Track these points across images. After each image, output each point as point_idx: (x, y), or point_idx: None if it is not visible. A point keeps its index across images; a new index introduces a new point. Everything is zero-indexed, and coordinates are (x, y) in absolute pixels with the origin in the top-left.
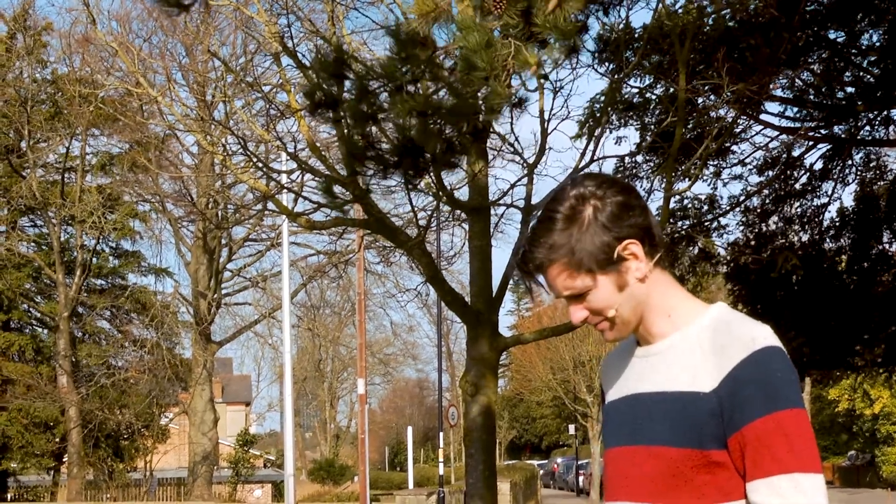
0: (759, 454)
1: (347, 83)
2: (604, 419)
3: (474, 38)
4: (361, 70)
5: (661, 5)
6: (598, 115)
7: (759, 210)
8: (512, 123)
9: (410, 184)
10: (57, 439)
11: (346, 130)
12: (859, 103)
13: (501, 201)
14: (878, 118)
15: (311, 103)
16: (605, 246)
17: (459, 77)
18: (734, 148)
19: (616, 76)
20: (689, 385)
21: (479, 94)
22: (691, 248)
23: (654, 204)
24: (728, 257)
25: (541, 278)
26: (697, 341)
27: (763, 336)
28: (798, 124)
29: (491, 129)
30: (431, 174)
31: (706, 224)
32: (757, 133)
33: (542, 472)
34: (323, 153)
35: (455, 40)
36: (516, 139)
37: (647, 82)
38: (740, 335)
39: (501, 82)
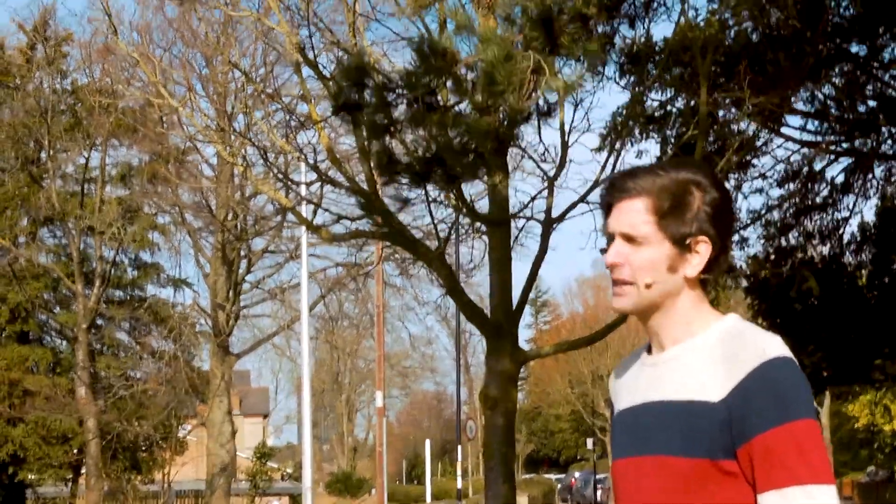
0: (770, 465)
1: (368, 92)
2: (613, 429)
3: (493, 52)
4: (381, 80)
5: (682, 18)
6: (619, 127)
7: (779, 224)
8: (539, 133)
9: (443, 194)
10: (74, 451)
11: (364, 142)
12: (881, 117)
13: (522, 214)
14: None
15: (335, 105)
16: (694, 225)
17: (480, 90)
18: (755, 161)
19: (637, 89)
20: (698, 394)
21: (499, 107)
22: None
23: None
24: (748, 271)
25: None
26: (708, 350)
27: (774, 346)
28: (819, 138)
29: (514, 143)
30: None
31: None
32: (778, 146)
33: (559, 486)
34: (343, 165)
35: (476, 53)
36: (546, 150)
37: (669, 95)
38: (751, 345)
39: (521, 96)
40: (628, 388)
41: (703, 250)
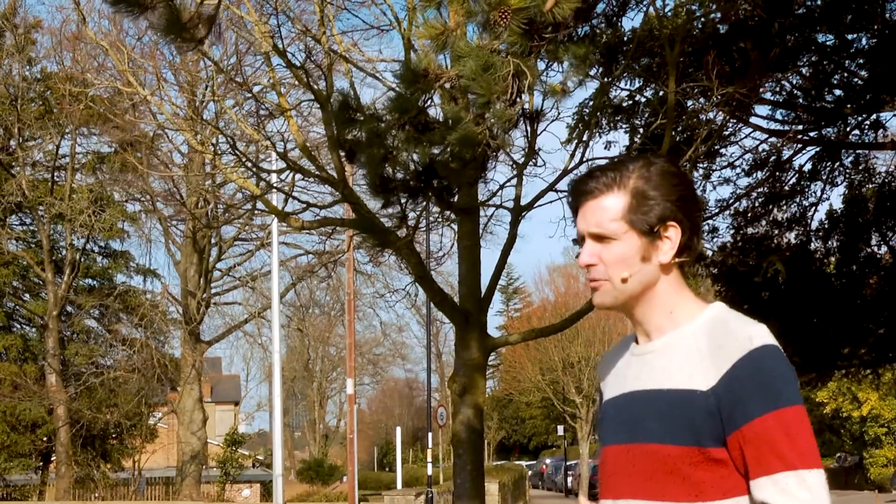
0: (761, 452)
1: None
2: (601, 417)
3: (470, 65)
4: (369, 113)
5: (651, 8)
6: (587, 117)
7: (748, 213)
8: (527, 136)
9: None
10: (43, 439)
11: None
12: (848, 106)
13: (491, 202)
14: (867, 121)
15: (347, 154)
16: (658, 213)
17: (461, 103)
18: (723, 150)
19: (606, 79)
20: (685, 383)
21: (483, 118)
22: None
23: None
24: (716, 260)
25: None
26: (694, 340)
27: (760, 335)
28: (787, 127)
29: (503, 150)
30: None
31: None
32: (746, 136)
33: (530, 472)
34: (313, 153)
35: (452, 65)
36: (538, 151)
37: (637, 85)
38: (737, 334)
39: (505, 103)
40: (617, 377)
41: (673, 235)
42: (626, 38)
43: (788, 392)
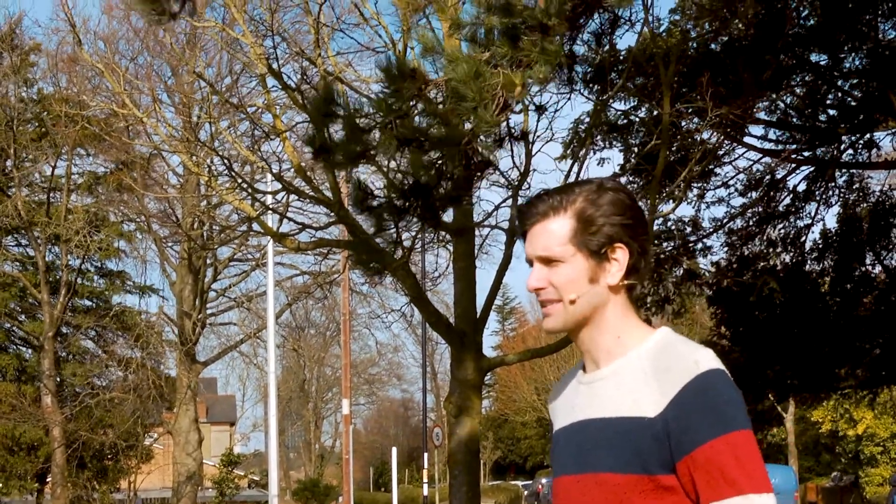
0: (711, 476)
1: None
2: (552, 448)
3: (462, 70)
4: (352, 107)
5: (645, 28)
6: (582, 136)
7: (742, 232)
8: (512, 156)
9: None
10: (41, 461)
11: (334, 171)
12: (842, 126)
13: (486, 223)
14: (861, 141)
15: (314, 149)
16: (604, 235)
17: (448, 107)
18: (717, 170)
19: (601, 98)
20: (633, 410)
21: (469, 123)
22: (676, 270)
23: None
24: (711, 280)
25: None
26: (640, 366)
27: (706, 359)
28: (781, 147)
29: (489, 163)
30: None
31: (691, 246)
32: (740, 156)
33: (526, 492)
34: (308, 174)
35: (444, 72)
36: (521, 172)
37: (632, 105)
38: (684, 359)
39: (490, 111)
40: (565, 407)
41: (621, 257)
42: (621, 58)
43: (737, 416)
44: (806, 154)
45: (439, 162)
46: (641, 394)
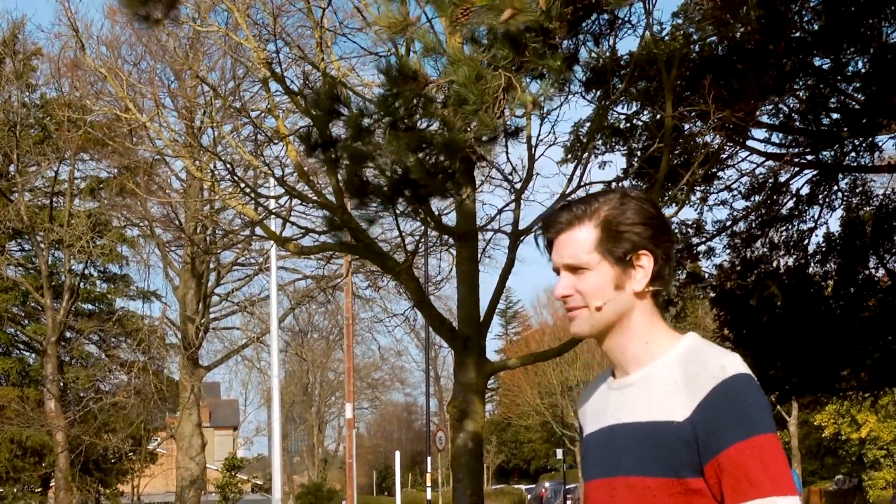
0: (736, 480)
1: (341, 122)
2: (583, 452)
3: (464, 72)
4: (356, 108)
5: (648, 32)
6: (584, 140)
7: (745, 235)
8: (507, 153)
9: (411, 213)
10: (44, 465)
11: (339, 171)
12: (845, 129)
13: (489, 227)
14: (864, 144)
15: (307, 146)
16: (629, 242)
17: (450, 110)
18: (720, 174)
19: (603, 102)
20: (662, 415)
21: (470, 126)
22: (679, 272)
23: None
24: (714, 283)
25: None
26: (670, 370)
27: (732, 364)
28: (784, 150)
29: (485, 160)
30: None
31: (694, 248)
32: (743, 159)
33: (529, 496)
34: (311, 178)
35: (446, 74)
36: (513, 170)
37: (634, 109)
38: (711, 364)
39: (491, 113)
40: (595, 411)
41: (646, 263)
42: (623, 62)
43: (763, 420)
44: (809, 157)
45: (435, 156)
46: (671, 398)
